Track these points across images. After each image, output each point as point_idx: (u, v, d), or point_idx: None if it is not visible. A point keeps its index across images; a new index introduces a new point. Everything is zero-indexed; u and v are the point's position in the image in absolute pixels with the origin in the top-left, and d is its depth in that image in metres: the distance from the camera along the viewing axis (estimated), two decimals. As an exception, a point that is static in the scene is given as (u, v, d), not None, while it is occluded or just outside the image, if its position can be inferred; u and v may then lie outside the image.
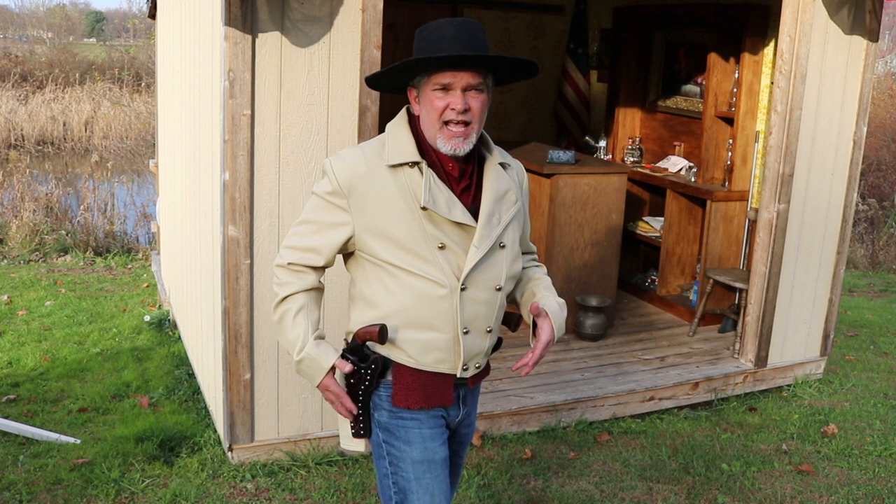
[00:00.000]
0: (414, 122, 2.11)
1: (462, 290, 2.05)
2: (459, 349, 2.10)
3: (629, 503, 3.62)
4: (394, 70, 2.09)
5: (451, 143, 2.01)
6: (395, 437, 2.15)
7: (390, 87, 2.22)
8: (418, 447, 2.14)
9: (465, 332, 2.09)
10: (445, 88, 2.00)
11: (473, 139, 2.04)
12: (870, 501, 3.69)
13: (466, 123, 2.01)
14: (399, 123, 2.11)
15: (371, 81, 2.18)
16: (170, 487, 3.53)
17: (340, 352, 2.12)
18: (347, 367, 2.07)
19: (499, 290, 2.12)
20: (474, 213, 2.07)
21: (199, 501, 3.46)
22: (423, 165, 2.04)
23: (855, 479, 3.88)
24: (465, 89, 2.00)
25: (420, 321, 2.07)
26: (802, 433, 4.35)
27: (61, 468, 3.65)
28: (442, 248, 2.03)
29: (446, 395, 2.15)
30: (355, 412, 2.12)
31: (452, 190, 2.07)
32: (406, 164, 2.04)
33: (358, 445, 2.22)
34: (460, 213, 2.04)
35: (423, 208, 2.01)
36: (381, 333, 2.04)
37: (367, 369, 2.10)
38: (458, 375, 2.14)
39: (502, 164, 2.17)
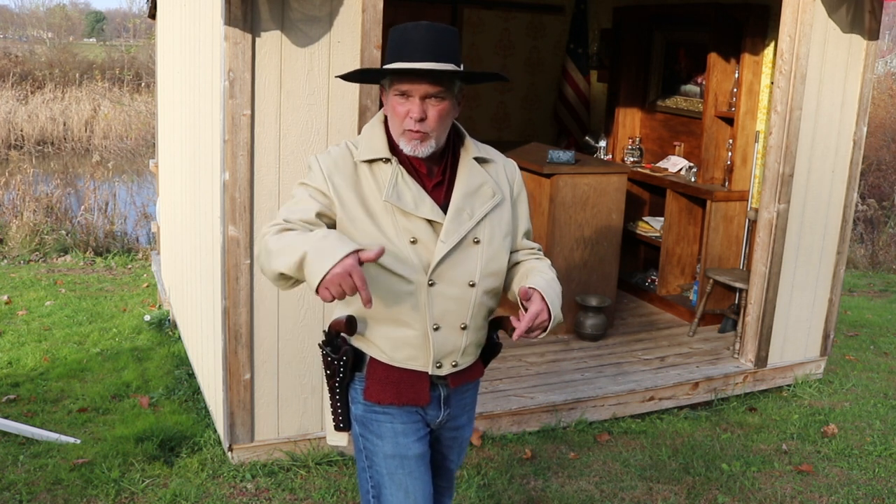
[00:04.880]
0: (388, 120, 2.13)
1: (430, 285, 2.05)
2: (429, 345, 2.09)
3: (629, 503, 3.62)
4: (356, 74, 2.13)
5: (410, 145, 2.04)
6: (369, 431, 2.16)
7: (366, 82, 2.24)
8: (390, 442, 2.14)
9: (436, 329, 2.08)
10: (405, 95, 2.01)
11: (433, 144, 2.04)
12: (870, 501, 3.69)
13: (423, 132, 2.01)
14: (373, 123, 2.14)
15: (345, 78, 2.20)
16: (170, 487, 3.53)
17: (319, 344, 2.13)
18: (375, 252, 1.82)
19: (472, 285, 2.09)
20: (447, 209, 2.07)
21: (199, 501, 3.47)
22: (393, 161, 2.06)
23: (855, 479, 3.88)
24: (423, 97, 2.00)
25: (390, 316, 2.07)
26: (802, 433, 4.35)
27: (61, 468, 3.64)
28: (414, 242, 2.04)
29: (420, 393, 2.14)
30: (368, 301, 1.81)
31: (424, 186, 2.08)
32: (379, 160, 2.07)
33: (341, 440, 2.24)
34: (428, 208, 2.04)
35: (395, 203, 2.01)
36: (348, 324, 2.06)
37: (338, 361, 2.11)
38: (431, 373, 2.12)
39: (480, 159, 2.15)
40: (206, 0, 3.75)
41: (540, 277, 2.13)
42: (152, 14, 6.94)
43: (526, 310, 2.03)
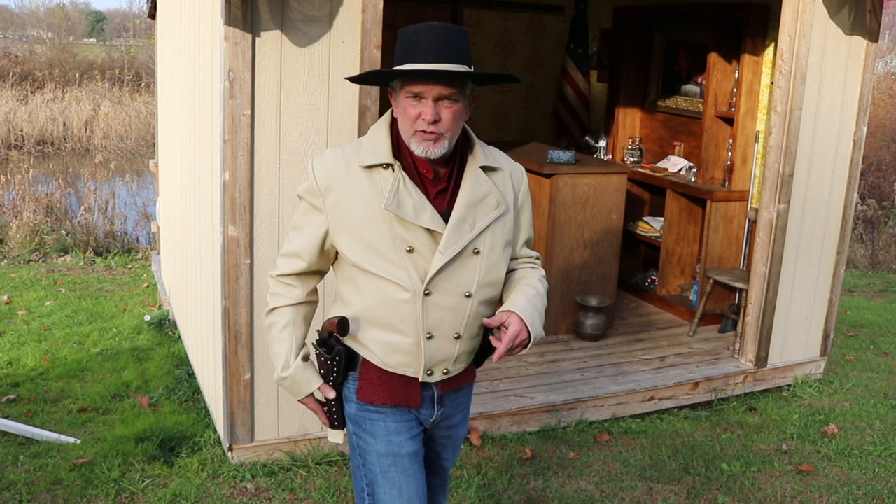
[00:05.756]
0: (396, 122, 2.10)
1: (426, 294, 2.04)
2: (421, 353, 2.08)
3: (629, 503, 3.62)
4: (366, 76, 2.13)
5: (423, 146, 2.00)
6: (363, 430, 2.17)
7: (374, 83, 2.23)
8: (383, 440, 2.15)
9: (429, 338, 2.07)
10: (418, 97, 1.98)
11: (446, 145, 2.01)
12: (870, 501, 3.69)
13: (437, 133, 1.99)
14: (380, 125, 2.11)
15: (355, 80, 2.18)
16: (170, 487, 3.53)
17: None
18: (331, 393, 2.16)
19: (468, 296, 2.08)
20: (448, 217, 2.04)
21: (199, 501, 3.47)
22: (396, 167, 2.03)
23: (855, 479, 3.88)
24: (437, 98, 1.97)
25: (384, 322, 2.07)
26: (802, 433, 4.35)
27: (61, 468, 3.65)
28: (410, 251, 2.02)
29: (412, 396, 2.15)
30: (329, 425, 2.22)
31: (427, 192, 2.05)
32: (380, 165, 2.04)
33: (338, 437, 2.26)
34: (429, 218, 2.02)
35: (394, 212, 2.00)
36: (341, 325, 2.07)
37: (332, 361, 2.12)
38: (421, 380, 2.13)
39: (487, 168, 2.12)
40: (206, 0, 3.75)
41: (521, 295, 2.13)
42: (152, 14, 6.94)
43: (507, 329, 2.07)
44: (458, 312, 2.09)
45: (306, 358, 2.17)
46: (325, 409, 2.21)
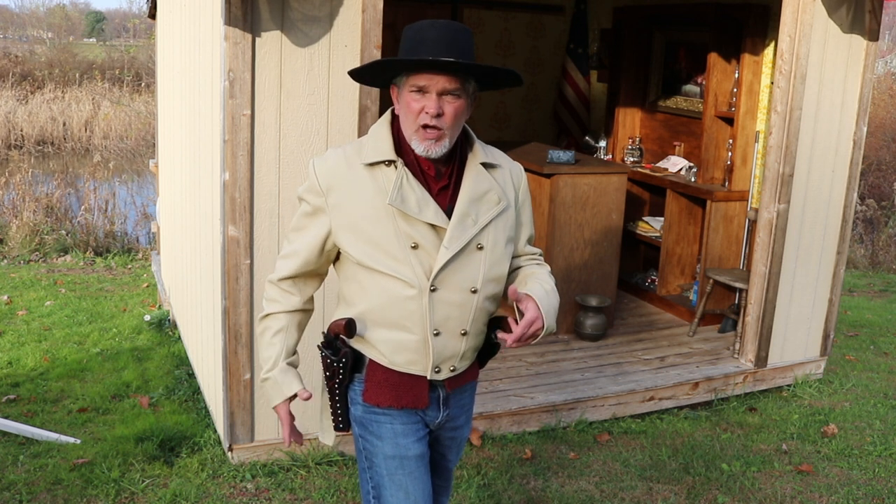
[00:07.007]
0: (396, 121, 2.10)
1: (432, 290, 2.04)
2: (429, 351, 2.08)
3: (629, 503, 3.62)
4: (372, 67, 2.11)
5: (424, 145, 2.01)
6: (369, 432, 2.17)
7: (375, 83, 2.24)
8: (390, 443, 2.15)
9: (436, 334, 2.07)
10: (421, 91, 1.98)
11: (447, 143, 2.02)
12: (870, 501, 3.70)
13: (439, 129, 1.99)
14: (381, 123, 2.12)
15: (354, 75, 2.18)
16: (170, 487, 3.53)
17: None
18: (305, 394, 2.14)
19: (474, 292, 2.08)
20: (451, 214, 2.05)
21: (199, 501, 3.47)
22: (399, 164, 2.04)
23: (855, 479, 3.88)
24: (440, 93, 1.98)
25: (390, 321, 2.07)
26: (802, 433, 4.35)
27: (61, 468, 3.65)
28: (415, 247, 2.02)
29: (419, 396, 2.14)
30: (287, 444, 2.25)
31: (430, 189, 2.06)
32: (382, 162, 2.04)
33: (328, 439, 2.28)
34: (432, 213, 2.02)
35: (398, 207, 2.00)
36: (348, 327, 2.07)
37: (338, 363, 2.11)
38: (429, 378, 2.12)
39: (487, 164, 2.13)
40: (206, 0, 3.75)
41: (538, 286, 2.13)
42: (152, 14, 6.94)
43: (522, 315, 2.04)
44: (464, 308, 2.09)
45: (294, 365, 2.18)
46: (331, 410, 2.20)
